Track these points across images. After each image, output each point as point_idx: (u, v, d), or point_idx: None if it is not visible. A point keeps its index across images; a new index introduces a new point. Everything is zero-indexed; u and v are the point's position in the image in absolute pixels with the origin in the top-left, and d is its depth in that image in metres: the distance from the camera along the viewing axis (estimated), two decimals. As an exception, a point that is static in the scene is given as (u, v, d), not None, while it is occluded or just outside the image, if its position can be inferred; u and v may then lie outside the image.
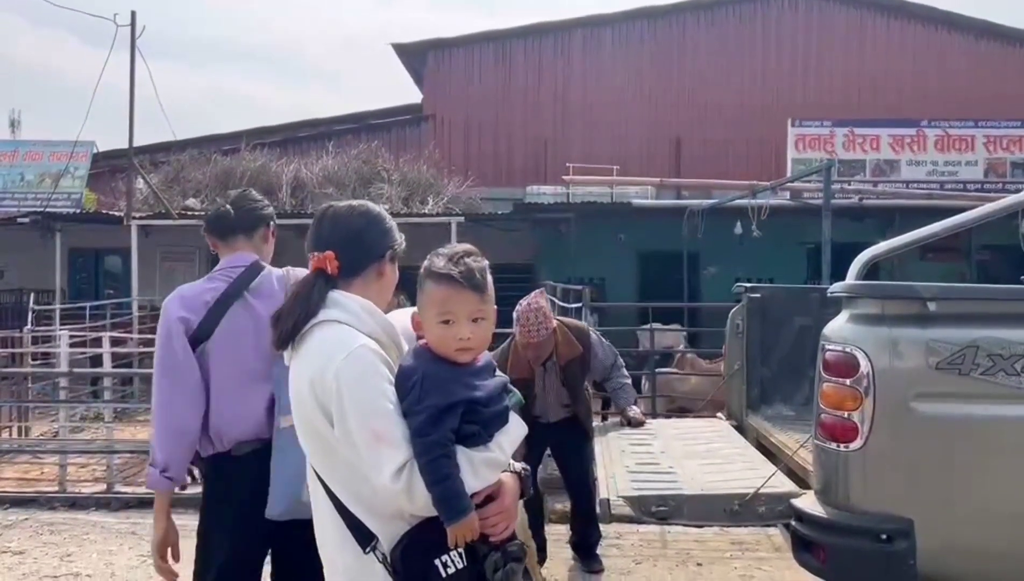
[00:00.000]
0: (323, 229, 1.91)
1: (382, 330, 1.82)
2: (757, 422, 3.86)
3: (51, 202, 13.42)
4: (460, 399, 1.73)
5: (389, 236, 1.93)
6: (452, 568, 1.69)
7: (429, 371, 1.75)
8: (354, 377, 1.69)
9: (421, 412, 1.69)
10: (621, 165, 15.78)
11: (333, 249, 1.84)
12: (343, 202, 2.02)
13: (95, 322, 10.79)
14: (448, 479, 1.66)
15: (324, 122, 19.27)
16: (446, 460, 1.67)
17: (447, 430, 1.69)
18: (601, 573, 4.60)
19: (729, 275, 12.88)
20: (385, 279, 1.91)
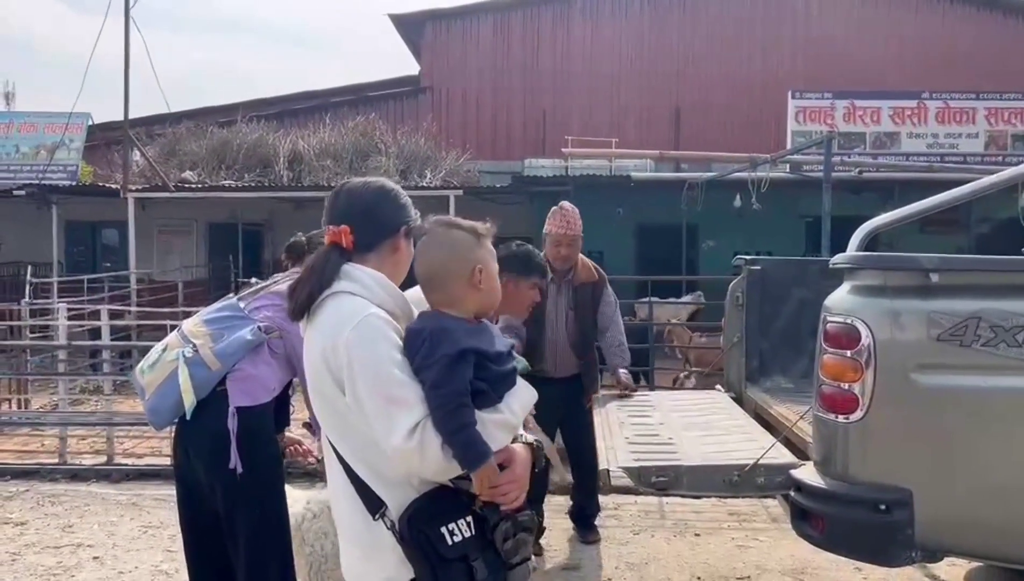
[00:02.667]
0: (339, 203, 1.93)
1: (394, 302, 1.84)
2: (756, 394, 3.87)
3: (47, 175, 13.34)
4: (470, 347, 1.74)
5: (404, 212, 1.96)
6: (459, 536, 1.70)
7: (437, 325, 1.78)
8: (364, 344, 1.71)
9: (434, 364, 1.70)
10: (620, 137, 15.71)
11: (349, 223, 1.86)
12: (360, 178, 2.05)
13: (93, 295, 10.77)
14: (468, 427, 1.67)
15: (321, 94, 19.15)
16: (465, 409, 1.68)
17: (463, 380, 1.70)
18: (597, 543, 4.64)
19: (728, 248, 12.87)
20: (400, 254, 1.93)
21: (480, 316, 1.91)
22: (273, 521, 2.79)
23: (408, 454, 1.67)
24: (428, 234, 1.91)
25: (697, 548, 4.55)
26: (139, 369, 2.87)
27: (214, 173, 14.13)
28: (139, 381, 2.83)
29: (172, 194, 12.51)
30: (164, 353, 2.82)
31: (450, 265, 1.86)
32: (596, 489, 4.65)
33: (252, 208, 14.16)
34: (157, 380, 2.77)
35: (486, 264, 1.90)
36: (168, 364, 2.77)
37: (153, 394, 2.75)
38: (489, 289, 1.90)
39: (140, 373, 2.84)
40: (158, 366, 2.80)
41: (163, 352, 2.83)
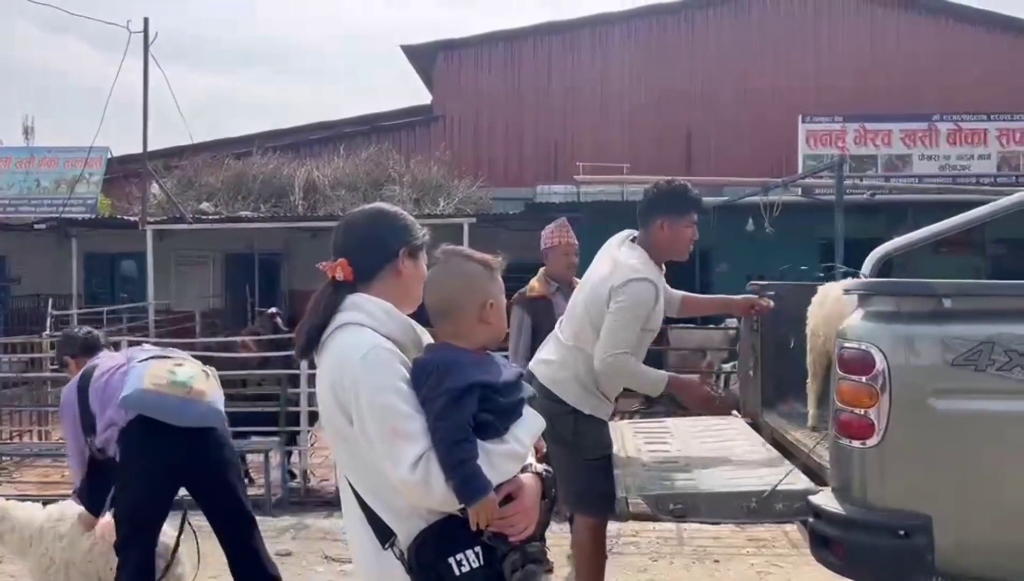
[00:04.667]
0: (337, 238, 1.96)
1: (402, 332, 1.87)
2: (773, 419, 3.86)
3: (67, 208, 13.55)
4: (476, 381, 1.76)
5: (403, 234, 1.95)
6: (467, 567, 1.72)
7: (445, 358, 1.81)
8: (370, 376, 1.73)
9: (440, 396, 1.73)
10: (631, 163, 15.79)
11: (346, 256, 1.89)
12: (358, 208, 2.08)
13: (112, 326, 10.90)
14: (468, 461, 1.69)
15: (334, 125, 19.38)
16: (466, 444, 1.70)
17: (465, 414, 1.73)
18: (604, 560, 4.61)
19: (741, 272, 12.85)
20: (404, 277, 1.92)
21: (486, 348, 1.94)
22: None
23: (413, 486, 1.70)
24: (441, 264, 1.94)
25: (716, 575, 4.53)
26: (180, 380, 3.41)
27: (230, 204, 14.32)
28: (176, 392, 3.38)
29: (190, 226, 12.68)
30: (190, 367, 3.52)
31: (461, 298, 1.88)
32: None
33: (268, 238, 14.32)
34: (211, 388, 3.50)
35: (496, 299, 1.93)
36: (210, 379, 3.51)
37: (208, 399, 3.46)
38: (497, 324, 1.93)
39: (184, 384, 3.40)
40: (202, 379, 3.48)
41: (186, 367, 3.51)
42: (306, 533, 5.51)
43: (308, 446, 6.76)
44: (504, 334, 1.99)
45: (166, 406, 3.39)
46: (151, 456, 3.39)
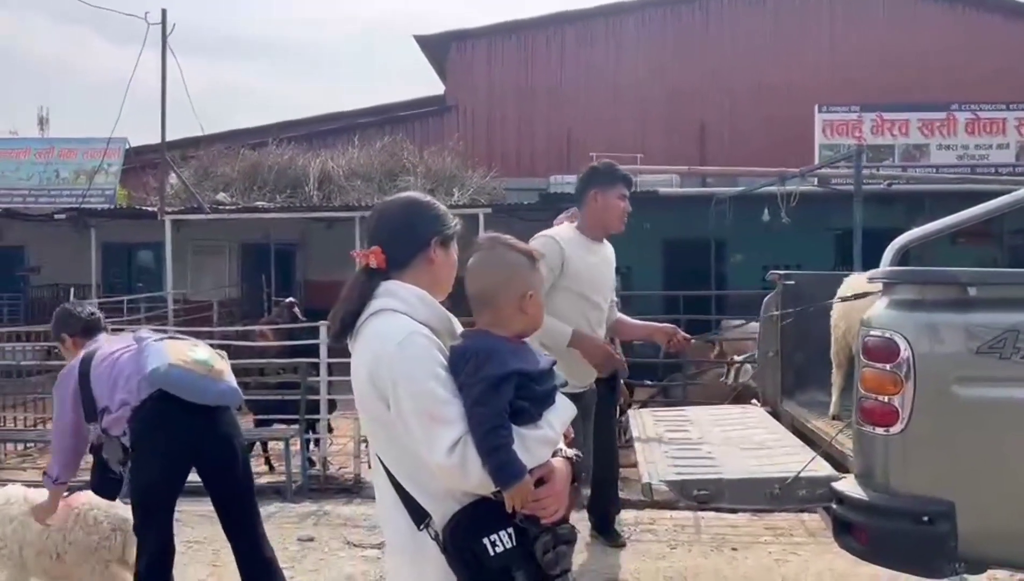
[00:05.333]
0: (371, 226, 2.00)
1: (437, 319, 1.90)
2: (792, 408, 3.89)
3: (86, 198, 13.67)
4: (514, 370, 1.79)
5: (436, 223, 1.97)
6: (500, 547, 1.75)
7: (483, 345, 1.84)
8: (407, 362, 1.77)
9: (477, 383, 1.76)
10: (645, 154, 15.76)
11: (380, 244, 1.92)
12: (391, 197, 2.11)
13: (130, 315, 11.00)
14: (504, 447, 1.73)
15: (348, 115, 19.42)
16: (503, 430, 1.74)
17: (503, 401, 1.76)
18: (623, 548, 4.67)
19: (756, 262, 12.86)
20: (436, 266, 1.95)
21: (521, 337, 1.97)
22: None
23: (450, 470, 1.73)
24: (484, 252, 1.96)
25: (735, 562, 4.56)
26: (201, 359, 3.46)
27: (246, 194, 14.40)
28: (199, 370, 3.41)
29: (207, 216, 12.77)
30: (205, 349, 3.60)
31: (503, 287, 1.91)
32: (616, 484, 4.74)
33: (284, 228, 14.39)
34: (227, 369, 3.55)
35: (536, 290, 1.96)
36: (225, 361, 3.58)
37: (227, 378, 3.52)
38: (535, 314, 1.96)
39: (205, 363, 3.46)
40: (219, 359, 3.54)
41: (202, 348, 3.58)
42: (327, 519, 5.58)
43: (327, 434, 6.82)
44: (540, 324, 2.01)
45: (190, 383, 3.42)
46: (169, 433, 3.40)
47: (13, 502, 3.68)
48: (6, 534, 3.59)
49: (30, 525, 3.59)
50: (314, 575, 4.52)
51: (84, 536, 3.56)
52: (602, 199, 3.70)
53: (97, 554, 3.57)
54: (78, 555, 3.57)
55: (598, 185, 3.72)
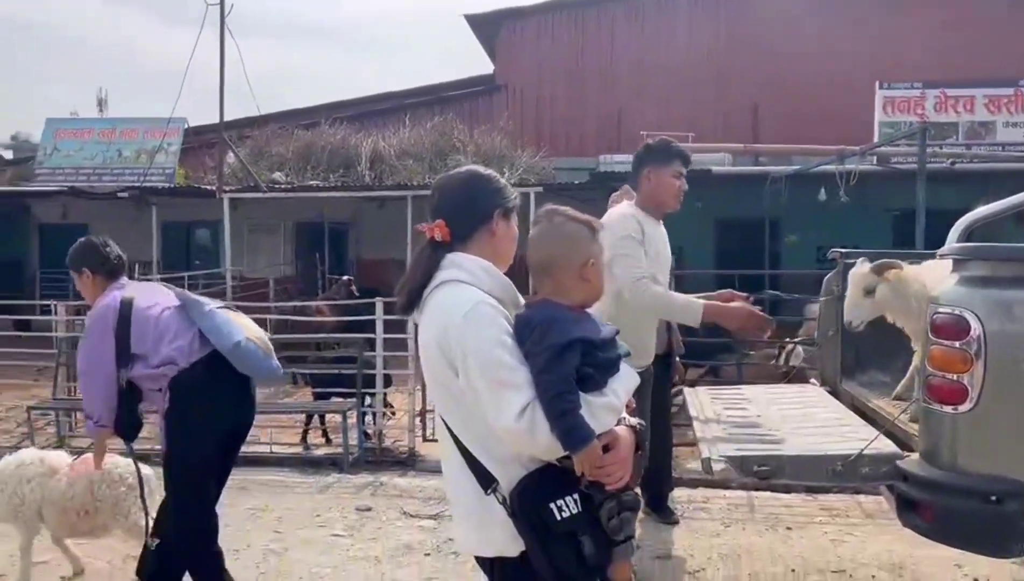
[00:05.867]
0: (433, 198, 2.05)
1: (502, 289, 1.95)
2: (852, 388, 3.86)
3: (147, 177, 14.04)
4: (578, 337, 1.84)
5: (497, 196, 2.02)
6: (567, 512, 1.80)
7: (548, 314, 1.88)
8: (475, 330, 1.81)
9: (544, 351, 1.80)
10: (696, 132, 15.54)
11: (442, 216, 1.97)
12: (453, 171, 2.15)
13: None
14: (572, 411, 1.77)
15: (398, 95, 19.51)
16: (570, 395, 1.78)
17: (569, 367, 1.80)
18: (676, 525, 4.69)
19: (811, 243, 12.64)
20: (498, 239, 2.00)
21: (584, 306, 2.01)
22: None
23: (518, 434, 1.77)
24: (545, 223, 2.01)
25: (790, 541, 4.54)
26: (260, 334, 3.61)
27: (300, 174, 14.63)
28: (261, 346, 3.51)
29: (264, 194, 13.02)
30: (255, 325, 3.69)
31: (564, 256, 1.95)
32: (670, 461, 4.76)
33: (337, 207, 14.59)
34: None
35: (597, 258, 1.99)
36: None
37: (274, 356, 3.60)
38: (596, 283, 2.00)
39: (261, 337, 3.59)
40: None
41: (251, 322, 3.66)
42: (383, 490, 5.71)
43: (382, 408, 6.96)
44: (601, 293, 2.05)
45: (256, 359, 3.49)
46: (220, 399, 3.45)
47: (29, 463, 3.90)
48: (24, 494, 3.80)
49: (48, 485, 3.81)
50: (372, 543, 4.64)
51: (110, 491, 3.80)
52: (655, 177, 3.64)
53: (122, 507, 3.81)
54: (107, 508, 3.81)
55: (652, 163, 3.66)
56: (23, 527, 3.88)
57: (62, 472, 3.87)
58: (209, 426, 3.44)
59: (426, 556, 4.42)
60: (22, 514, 3.83)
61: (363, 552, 4.50)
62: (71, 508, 3.82)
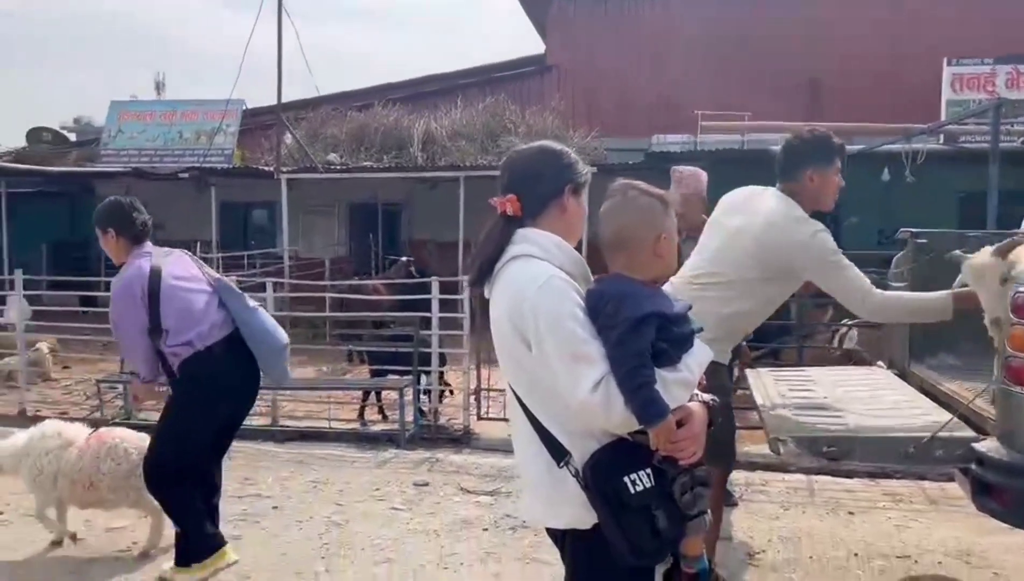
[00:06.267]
0: (505, 174, 2.05)
1: (573, 264, 1.95)
2: (921, 371, 3.76)
3: (206, 158, 14.34)
4: (652, 311, 1.83)
5: (568, 171, 2.02)
6: (640, 486, 1.81)
7: (622, 289, 1.88)
8: (549, 304, 1.82)
9: (618, 325, 1.80)
10: (753, 112, 15.23)
11: (515, 192, 1.98)
12: (525, 146, 2.15)
13: (249, 271, 11.57)
14: (647, 385, 1.77)
15: (449, 76, 19.51)
16: (645, 370, 1.78)
17: (644, 341, 1.80)
18: (735, 507, 4.66)
19: (871, 225, 12.30)
20: (568, 214, 2.00)
21: (656, 282, 2.00)
22: None
23: (592, 408, 1.77)
24: (618, 197, 2.00)
25: (852, 526, 4.49)
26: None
27: (354, 155, 14.77)
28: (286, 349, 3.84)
29: (320, 175, 13.19)
30: None
31: (637, 231, 1.94)
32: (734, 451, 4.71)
33: (390, 189, 14.70)
34: None
35: (670, 233, 1.98)
36: None
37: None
38: (668, 258, 1.99)
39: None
40: None
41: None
42: (440, 466, 5.79)
43: (440, 386, 7.04)
44: (674, 269, 2.04)
45: (283, 362, 3.82)
46: (223, 387, 3.67)
47: (49, 435, 4.11)
48: (43, 465, 4.01)
49: (63, 456, 4.02)
50: (431, 517, 4.71)
51: (115, 466, 3.98)
52: (820, 179, 3.21)
53: (128, 482, 3.98)
54: (110, 483, 3.98)
55: (816, 163, 3.21)
56: (40, 494, 4.11)
57: (76, 445, 4.07)
58: (209, 409, 3.66)
59: (484, 531, 4.48)
60: (39, 483, 4.05)
61: (422, 526, 4.58)
62: (78, 480, 4.01)
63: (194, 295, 3.66)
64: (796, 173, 3.25)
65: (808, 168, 3.23)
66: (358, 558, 4.14)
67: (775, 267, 3.08)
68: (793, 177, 3.26)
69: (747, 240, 3.15)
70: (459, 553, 4.18)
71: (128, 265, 3.68)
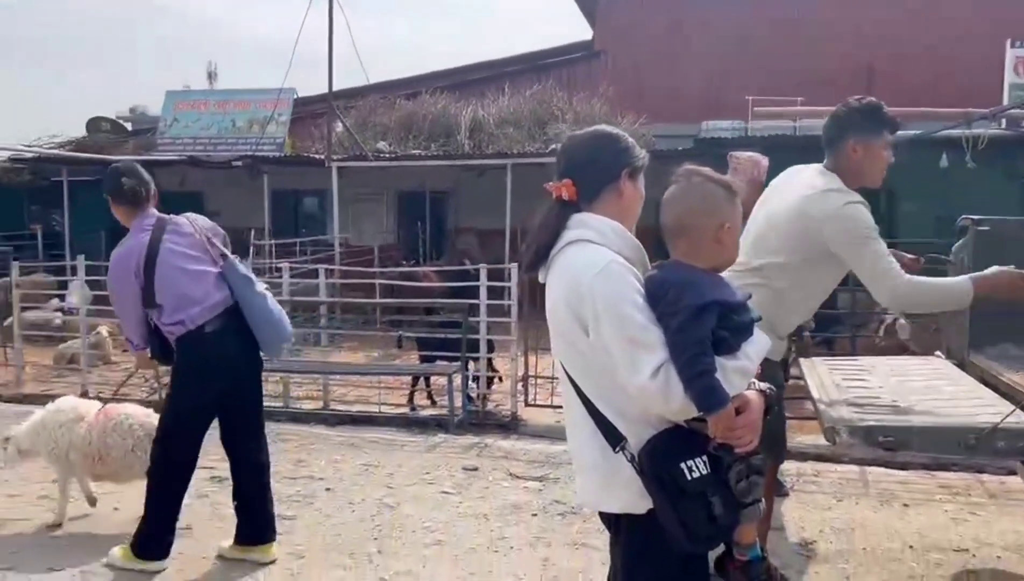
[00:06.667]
0: (561, 159, 2.05)
1: (629, 249, 1.94)
2: (982, 361, 3.67)
3: (259, 147, 14.61)
4: (714, 299, 1.83)
5: (625, 156, 2.01)
6: (697, 473, 1.81)
7: (684, 276, 1.88)
8: (608, 289, 1.82)
9: (679, 312, 1.80)
10: (806, 97, 14.91)
11: (571, 176, 1.98)
12: (581, 131, 2.14)
13: (298, 258, 11.77)
14: (708, 373, 1.77)
15: (496, 64, 19.49)
16: (705, 357, 1.78)
17: (705, 329, 1.80)
18: (786, 497, 4.62)
19: (927, 213, 11.96)
20: (625, 199, 2.00)
21: (716, 270, 1.99)
22: None
23: (651, 394, 1.77)
24: (682, 183, 1.99)
25: (906, 518, 4.42)
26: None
27: (403, 143, 14.89)
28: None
29: (369, 163, 13.34)
30: None
31: (699, 218, 1.93)
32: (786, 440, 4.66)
33: (438, 176, 14.79)
34: None
35: (733, 221, 1.97)
36: None
37: None
38: (730, 247, 1.97)
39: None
40: None
41: None
42: (488, 452, 5.85)
43: (485, 372, 7.09)
44: (735, 257, 2.02)
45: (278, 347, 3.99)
46: (216, 362, 3.71)
47: (63, 410, 4.34)
48: (57, 437, 4.23)
49: (74, 430, 4.23)
50: (481, 501, 4.77)
51: (120, 440, 4.19)
52: (864, 150, 2.99)
53: (134, 455, 4.16)
54: (117, 456, 4.19)
55: (860, 132, 2.99)
56: (57, 466, 4.33)
57: (86, 420, 4.28)
58: (202, 386, 3.73)
59: (533, 516, 4.53)
60: (55, 455, 4.28)
61: (472, 509, 4.64)
62: (88, 452, 4.23)
63: (190, 274, 3.67)
64: (839, 143, 3.03)
65: (851, 137, 3.00)
66: (410, 540, 4.21)
67: (810, 245, 2.91)
68: (836, 148, 3.05)
69: (781, 220, 3.01)
70: (509, 537, 4.23)
71: (130, 235, 3.76)
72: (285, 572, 3.84)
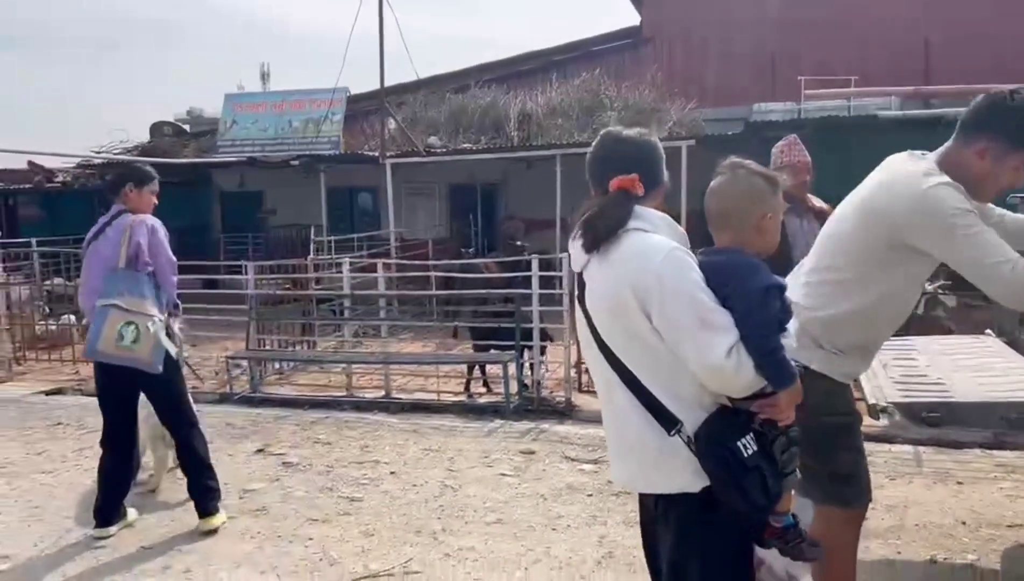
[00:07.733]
0: (626, 151, 2.14)
1: (679, 238, 2.07)
2: (1033, 339, 3.71)
3: (314, 146, 15.01)
4: (775, 283, 1.97)
5: (664, 165, 2.19)
6: (750, 449, 1.93)
7: (746, 261, 2.01)
8: (676, 273, 1.93)
9: (750, 293, 1.93)
10: (861, 76, 14.66)
11: (639, 172, 2.09)
12: (636, 133, 2.20)
13: (355, 253, 12.11)
14: (780, 350, 1.91)
15: (544, 54, 19.53)
16: (776, 336, 1.92)
17: (774, 309, 1.94)
18: None
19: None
20: (661, 200, 2.15)
21: (758, 257, 2.12)
22: None
23: (724, 373, 1.88)
24: (728, 174, 2.11)
25: (960, 495, 4.43)
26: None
27: (453, 137, 15.12)
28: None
29: (422, 159, 13.61)
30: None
31: (745, 208, 2.06)
32: None
33: (488, 169, 14.98)
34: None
35: (776, 213, 2.09)
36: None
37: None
38: (771, 236, 2.10)
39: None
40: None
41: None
42: (544, 436, 6.02)
43: (540, 359, 7.26)
44: (775, 248, 2.14)
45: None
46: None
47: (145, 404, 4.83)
48: (154, 423, 4.70)
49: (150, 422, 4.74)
50: (538, 483, 4.95)
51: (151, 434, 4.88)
52: (993, 161, 2.36)
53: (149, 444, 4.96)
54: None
55: (996, 136, 2.34)
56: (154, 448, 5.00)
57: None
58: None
59: (588, 496, 4.69)
60: (156, 435, 4.85)
61: (530, 490, 4.82)
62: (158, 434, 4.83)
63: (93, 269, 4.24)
64: (968, 137, 2.38)
65: (984, 137, 2.34)
66: (471, 519, 4.42)
67: (886, 240, 2.39)
68: (962, 140, 2.41)
69: (854, 214, 2.52)
70: (566, 516, 4.41)
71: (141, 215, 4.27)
72: (356, 548, 4.08)
